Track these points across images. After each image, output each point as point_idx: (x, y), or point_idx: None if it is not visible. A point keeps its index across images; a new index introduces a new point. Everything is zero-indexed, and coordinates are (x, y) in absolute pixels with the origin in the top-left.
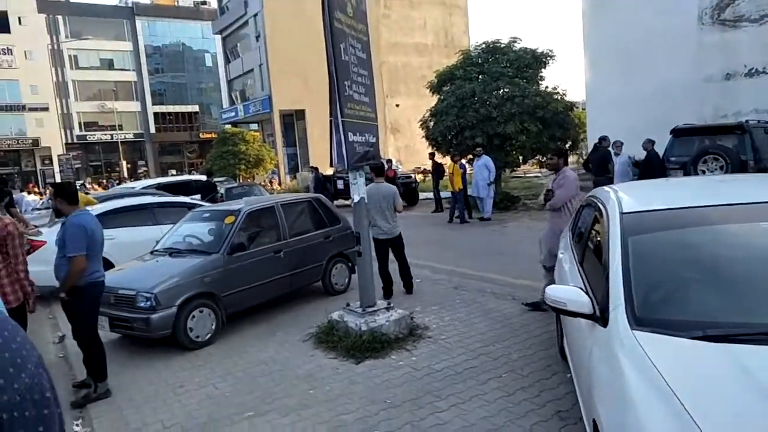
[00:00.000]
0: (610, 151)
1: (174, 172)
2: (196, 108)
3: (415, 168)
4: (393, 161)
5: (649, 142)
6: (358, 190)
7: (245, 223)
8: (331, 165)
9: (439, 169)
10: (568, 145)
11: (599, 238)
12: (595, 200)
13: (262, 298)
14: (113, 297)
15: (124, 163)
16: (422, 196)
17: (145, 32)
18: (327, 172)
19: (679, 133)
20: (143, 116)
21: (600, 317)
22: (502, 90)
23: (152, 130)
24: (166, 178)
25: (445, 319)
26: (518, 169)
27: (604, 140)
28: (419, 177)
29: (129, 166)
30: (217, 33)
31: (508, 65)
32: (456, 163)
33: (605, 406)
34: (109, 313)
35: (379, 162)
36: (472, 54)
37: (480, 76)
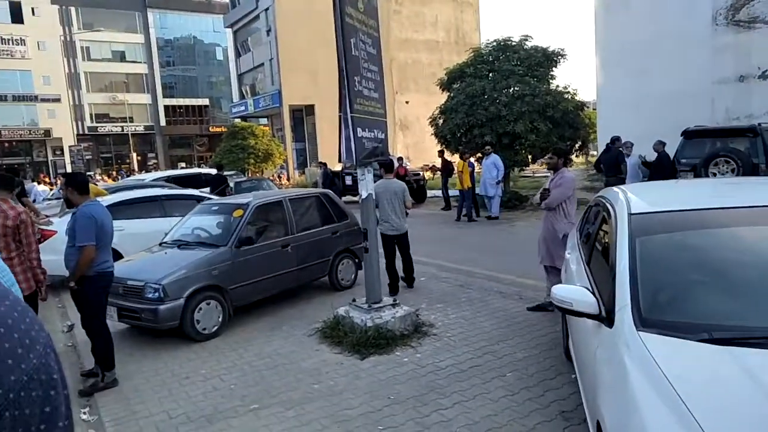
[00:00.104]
0: (623, 152)
1: (183, 165)
2: (206, 101)
3: (424, 165)
4: (404, 159)
5: (660, 144)
6: (366, 186)
7: (253, 217)
8: (339, 160)
9: (448, 167)
10: (578, 145)
11: (607, 238)
12: (604, 200)
13: (268, 292)
14: (122, 288)
15: (135, 155)
16: (430, 193)
17: (156, 25)
18: (335, 167)
19: (690, 135)
20: (154, 109)
21: (606, 318)
22: (512, 88)
23: (162, 122)
24: (176, 171)
25: (451, 316)
26: (527, 168)
27: (616, 141)
28: (427, 174)
29: (139, 158)
30: (228, 27)
31: (518, 63)
32: (465, 161)
33: (609, 407)
34: (117, 304)
35: (388, 158)
36: (483, 52)
37: (490, 74)
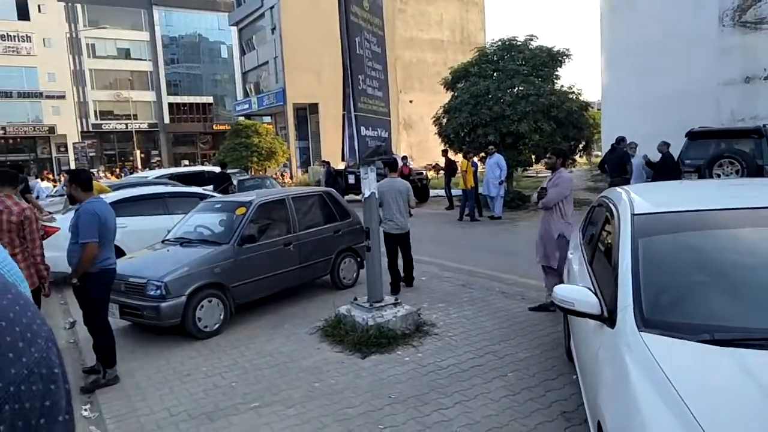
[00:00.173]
0: (628, 153)
1: (187, 162)
2: (210, 99)
3: (427, 165)
4: (408, 158)
5: (665, 145)
6: (369, 185)
7: (256, 215)
8: (342, 159)
9: (452, 167)
10: (581, 146)
11: (609, 238)
12: (607, 201)
13: (270, 290)
14: (124, 285)
15: (138, 152)
16: (433, 193)
17: (161, 22)
18: (339, 166)
19: (695, 136)
20: (158, 106)
21: (608, 318)
22: (516, 88)
23: (166, 120)
24: (179, 169)
25: (452, 316)
26: (530, 168)
27: (621, 141)
28: (430, 174)
29: (143, 155)
30: (233, 25)
31: (523, 63)
32: (469, 160)
33: (610, 407)
34: (119, 301)
35: (391, 157)
36: (488, 51)
37: (495, 74)
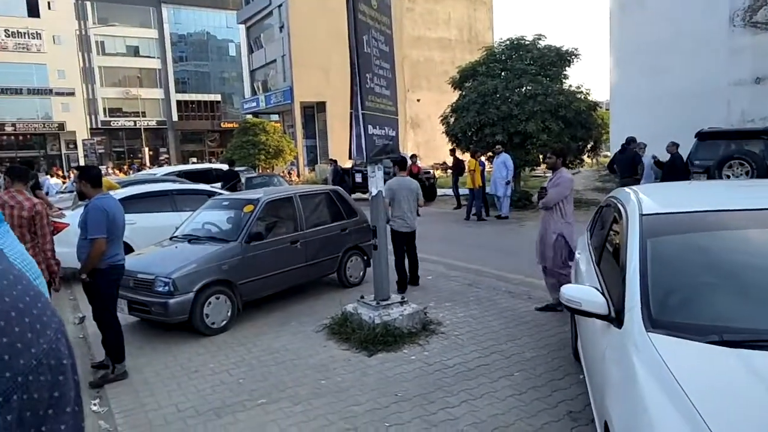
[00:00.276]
0: (639, 153)
1: (195, 160)
2: (218, 97)
3: (434, 164)
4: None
5: (673, 145)
6: (376, 184)
7: (264, 213)
8: (350, 157)
9: (460, 166)
10: (589, 146)
11: (617, 239)
12: (615, 201)
13: (277, 287)
14: (132, 281)
15: (147, 149)
16: (440, 192)
17: (170, 20)
18: (346, 165)
19: (704, 137)
20: (166, 104)
21: (615, 318)
22: (524, 88)
23: (175, 117)
24: (187, 166)
25: (459, 315)
26: (538, 168)
27: (632, 142)
28: (437, 173)
29: (151, 152)
30: (241, 23)
31: (531, 63)
32: (476, 159)
33: (617, 408)
34: (128, 297)
35: (398, 155)
36: (496, 50)
37: (503, 73)
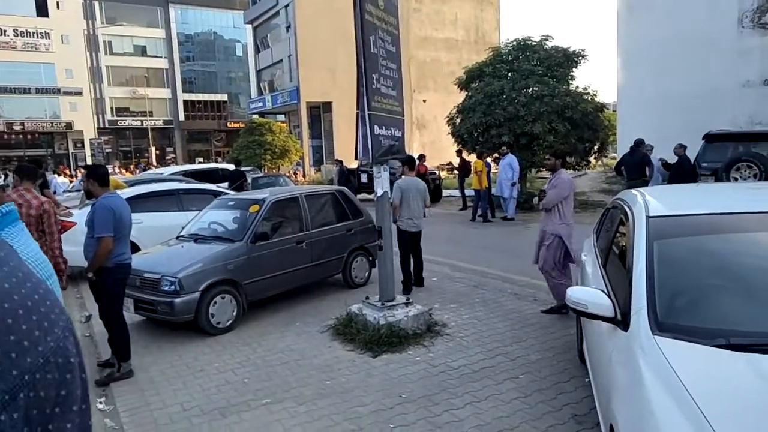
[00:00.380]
0: (648, 156)
1: (201, 159)
2: (224, 97)
3: (440, 165)
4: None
5: (681, 147)
6: (382, 184)
7: (269, 213)
8: (356, 158)
9: (466, 167)
10: (596, 147)
11: (624, 241)
12: (622, 203)
13: (282, 287)
14: (139, 280)
15: (153, 149)
16: (445, 193)
17: (178, 20)
18: (351, 165)
19: (712, 139)
20: (173, 103)
21: (621, 321)
22: (531, 88)
23: (181, 117)
24: (193, 166)
25: (464, 317)
26: (544, 169)
27: (641, 144)
28: (443, 174)
29: (158, 152)
30: (248, 23)
31: (538, 63)
32: (483, 160)
33: (623, 411)
34: (134, 296)
35: (404, 156)
36: (503, 51)
37: (509, 74)
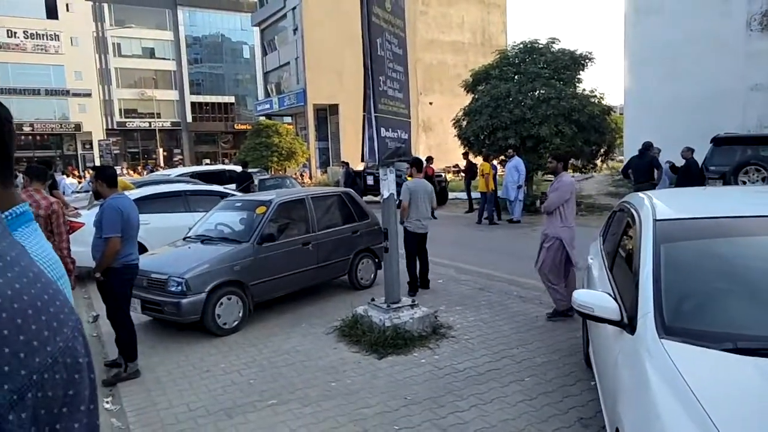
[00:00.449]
0: (657, 159)
1: (208, 161)
2: (232, 99)
3: (446, 167)
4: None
5: (688, 150)
6: (388, 186)
7: (276, 214)
8: (362, 160)
9: (473, 169)
10: (603, 150)
11: (630, 244)
12: (628, 206)
13: (288, 288)
14: (146, 280)
15: (161, 150)
16: (451, 195)
17: (185, 22)
18: (358, 167)
19: (720, 142)
20: (181, 105)
21: (628, 324)
22: (537, 91)
23: (189, 119)
24: (201, 167)
25: (469, 319)
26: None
27: (650, 147)
28: (449, 176)
29: (165, 153)
30: (255, 25)
31: (545, 66)
32: (489, 163)
33: (629, 415)
34: (141, 296)
35: (411, 158)
36: (509, 54)
37: (516, 77)
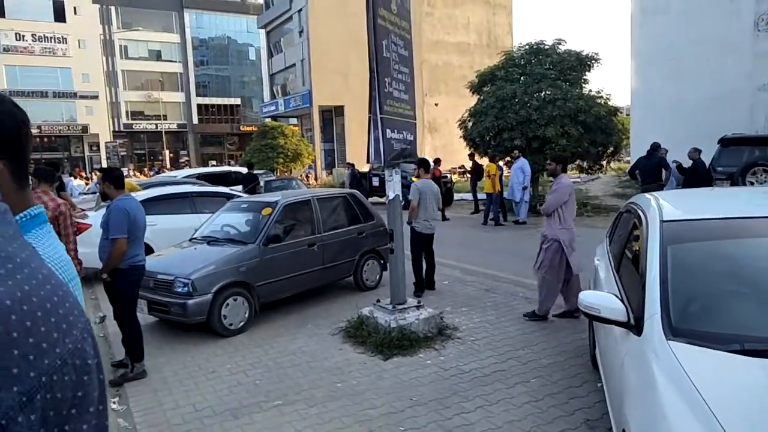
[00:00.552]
0: (666, 159)
1: (214, 163)
2: (238, 101)
3: (452, 168)
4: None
5: (696, 151)
6: (394, 188)
7: (282, 216)
8: (367, 161)
9: (479, 170)
10: (609, 151)
11: (637, 245)
12: (635, 207)
13: (294, 289)
14: (152, 281)
15: (167, 152)
16: (457, 196)
17: (192, 25)
18: (363, 168)
19: (727, 143)
20: (187, 107)
21: (634, 325)
22: (543, 92)
23: (195, 121)
24: (207, 169)
25: (475, 320)
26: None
27: (658, 148)
28: (455, 177)
29: (171, 155)
30: (261, 27)
31: (551, 67)
32: (495, 164)
33: (636, 417)
34: (147, 297)
35: (417, 159)
36: (515, 55)
37: (522, 78)
